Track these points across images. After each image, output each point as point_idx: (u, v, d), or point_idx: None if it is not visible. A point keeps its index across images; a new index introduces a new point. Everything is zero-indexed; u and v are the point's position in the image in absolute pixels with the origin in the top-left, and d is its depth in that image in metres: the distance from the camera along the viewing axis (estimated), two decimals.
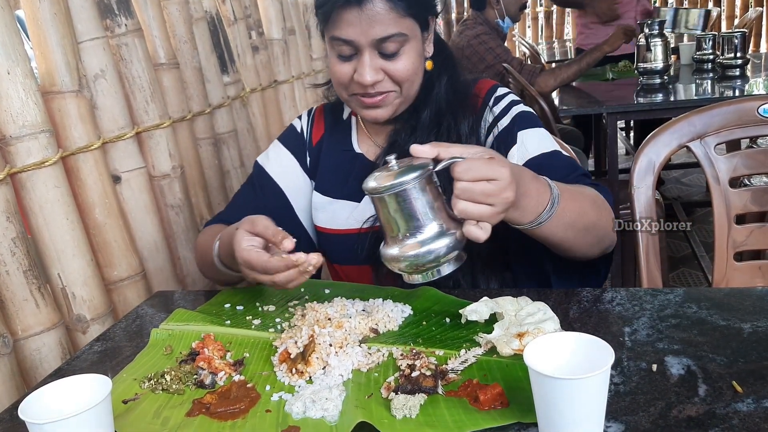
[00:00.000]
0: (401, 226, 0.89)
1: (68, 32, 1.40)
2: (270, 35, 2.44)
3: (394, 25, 1.10)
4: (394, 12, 1.10)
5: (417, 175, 0.87)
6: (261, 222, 1.02)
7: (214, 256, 1.17)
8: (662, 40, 2.81)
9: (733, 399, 0.76)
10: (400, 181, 0.87)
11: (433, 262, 0.89)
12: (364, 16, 1.09)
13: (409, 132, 1.22)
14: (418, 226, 0.89)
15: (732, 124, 1.38)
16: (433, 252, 0.88)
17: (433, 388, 0.83)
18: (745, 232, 1.39)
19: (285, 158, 1.35)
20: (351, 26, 1.10)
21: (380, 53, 1.13)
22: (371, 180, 0.90)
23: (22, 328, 1.27)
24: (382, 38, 1.11)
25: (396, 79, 1.15)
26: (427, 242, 0.88)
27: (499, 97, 1.25)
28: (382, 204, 0.90)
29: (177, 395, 0.89)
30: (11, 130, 1.26)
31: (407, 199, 0.88)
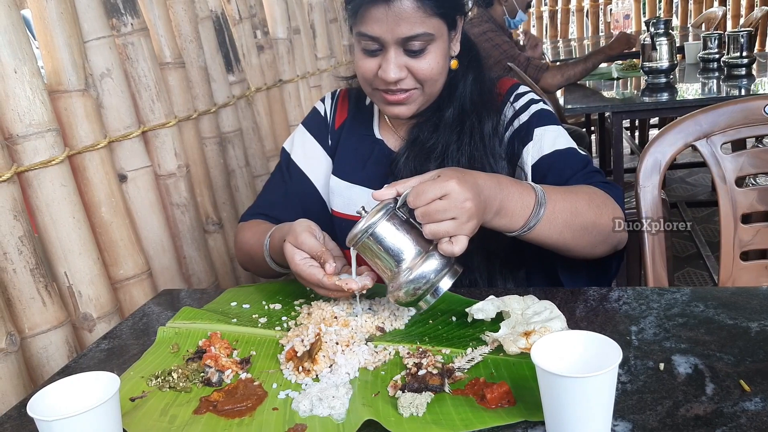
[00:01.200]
0: (388, 263, 0.95)
1: (75, 31, 1.41)
2: (275, 34, 2.44)
3: (420, 24, 1.10)
4: (421, 11, 1.10)
5: (380, 215, 0.93)
6: (305, 238, 1.04)
7: (266, 256, 1.18)
8: (668, 39, 2.80)
9: (740, 398, 0.76)
10: (368, 224, 0.93)
11: (428, 284, 0.93)
12: (391, 14, 1.09)
13: (431, 129, 1.22)
14: (402, 259, 0.94)
15: (738, 123, 1.37)
16: (424, 275, 0.92)
17: (439, 387, 0.83)
18: (751, 232, 1.38)
19: (309, 143, 1.37)
20: (378, 23, 1.10)
21: (405, 51, 1.13)
22: (349, 234, 0.96)
23: (29, 327, 1.27)
24: (408, 37, 1.11)
25: (419, 78, 1.15)
26: (415, 269, 0.92)
27: (520, 95, 1.25)
28: (366, 251, 0.96)
29: (184, 393, 0.90)
30: (18, 128, 1.26)
31: (381, 238, 0.94)
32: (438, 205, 0.89)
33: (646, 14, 6.14)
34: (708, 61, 3.14)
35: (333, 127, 1.37)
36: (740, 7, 6.03)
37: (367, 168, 1.30)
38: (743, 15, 5.85)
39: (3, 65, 1.23)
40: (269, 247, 1.17)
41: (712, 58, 3.12)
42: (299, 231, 1.05)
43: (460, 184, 0.90)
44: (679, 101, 2.71)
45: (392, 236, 0.94)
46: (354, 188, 1.30)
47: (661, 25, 2.82)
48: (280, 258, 1.12)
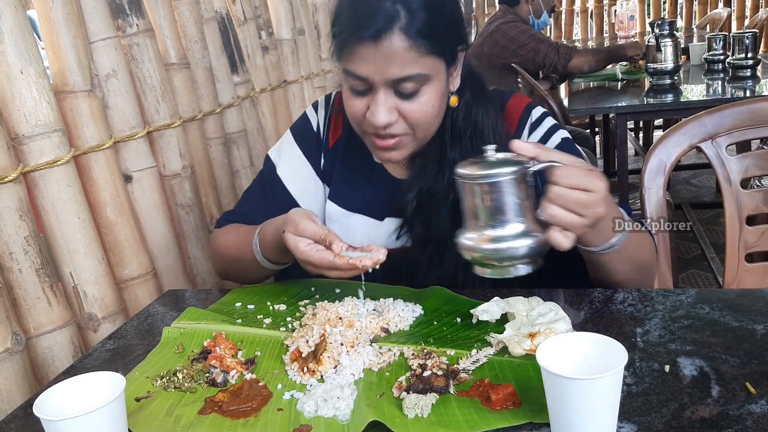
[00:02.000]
0: (486, 217, 0.89)
1: (80, 32, 1.41)
2: (280, 35, 2.45)
3: (413, 65, 1.01)
4: (414, 51, 1.00)
5: (515, 170, 0.86)
6: (305, 225, 1.00)
7: (256, 255, 1.13)
8: (672, 40, 2.79)
9: (746, 400, 0.76)
10: (497, 171, 0.86)
11: (510, 260, 0.89)
12: (379, 54, 0.99)
13: (434, 170, 1.15)
14: (504, 221, 0.88)
15: (744, 124, 1.37)
16: (513, 249, 0.88)
17: (444, 388, 0.83)
18: (756, 233, 1.38)
19: (297, 160, 1.27)
20: (365, 62, 1.01)
21: (396, 92, 1.04)
22: (466, 165, 0.89)
23: (35, 326, 1.28)
24: (399, 79, 1.02)
25: (411, 122, 1.06)
26: (509, 239, 0.88)
27: (537, 122, 1.18)
28: (472, 191, 0.89)
29: (189, 393, 0.90)
30: (24, 129, 1.27)
31: (499, 192, 0.87)
32: (579, 196, 0.85)
33: (650, 15, 6.12)
34: (713, 63, 3.13)
35: (327, 145, 1.27)
36: (745, 8, 6.01)
37: (366, 195, 1.23)
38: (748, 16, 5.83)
39: (9, 66, 1.23)
40: (260, 244, 1.12)
41: (716, 60, 3.11)
42: (298, 219, 1.01)
43: (606, 191, 0.87)
44: (683, 102, 2.70)
45: (511, 196, 0.87)
46: (353, 216, 1.23)
47: (666, 27, 2.82)
48: (274, 254, 1.10)
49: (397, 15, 0.98)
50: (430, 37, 1.00)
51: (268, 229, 1.11)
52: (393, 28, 0.98)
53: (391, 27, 0.98)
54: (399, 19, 0.98)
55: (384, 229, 1.22)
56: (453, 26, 1.06)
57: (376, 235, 1.22)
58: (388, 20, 0.98)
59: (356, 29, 0.99)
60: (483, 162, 0.89)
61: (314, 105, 1.32)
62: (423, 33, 0.99)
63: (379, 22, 0.98)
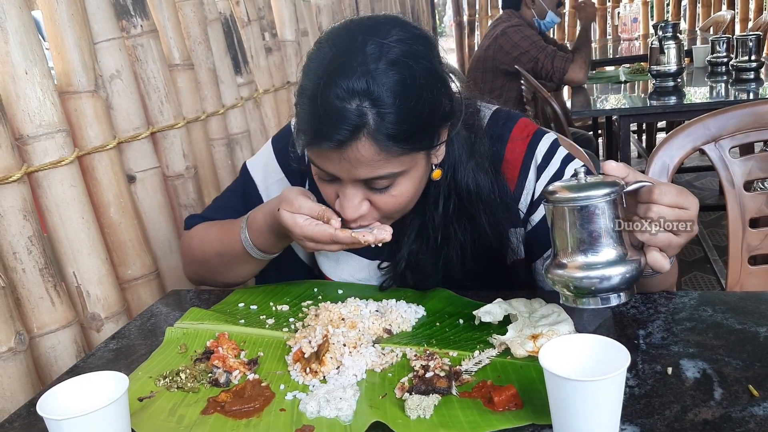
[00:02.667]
0: (577, 244, 0.82)
1: (85, 33, 1.42)
2: (283, 36, 2.45)
3: (383, 166, 0.91)
4: (384, 153, 0.89)
5: (609, 192, 0.80)
6: (302, 202, 0.96)
7: (245, 245, 1.08)
8: (676, 42, 2.79)
9: (749, 403, 0.76)
10: (590, 194, 0.80)
11: (605, 291, 0.82)
12: (345, 160, 0.89)
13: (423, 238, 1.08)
14: (597, 248, 0.81)
15: (747, 127, 1.37)
16: (608, 278, 0.81)
17: (447, 389, 0.83)
18: (759, 236, 1.38)
19: (281, 182, 1.20)
20: (330, 162, 0.91)
21: (366, 186, 0.95)
22: (556, 188, 0.83)
23: (38, 326, 1.28)
24: (369, 179, 0.92)
25: (384, 212, 0.98)
26: (603, 267, 0.81)
27: (544, 162, 1.08)
28: (562, 216, 0.82)
29: (192, 393, 0.90)
30: (28, 129, 1.27)
31: (593, 216, 0.81)
32: (679, 213, 0.82)
33: (654, 17, 6.13)
34: (716, 65, 3.13)
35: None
36: (749, 10, 6.01)
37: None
38: (752, 18, 5.83)
39: (14, 66, 1.24)
40: (249, 232, 1.07)
41: (720, 62, 3.11)
42: (293, 196, 0.97)
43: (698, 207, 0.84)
44: (687, 105, 2.70)
45: (605, 221, 0.80)
46: (342, 254, 1.17)
47: (669, 29, 2.82)
48: (266, 240, 1.06)
49: (364, 121, 0.86)
50: (403, 138, 0.89)
51: (259, 213, 1.06)
52: (359, 136, 0.87)
53: (356, 135, 0.86)
54: (366, 125, 0.86)
55: (371, 272, 1.18)
56: (432, 116, 0.93)
57: (366, 273, 1.18)
58: (353, 129, 0.86)
59: (317, 137, 0.88)
60: (575, 185, 0.82)
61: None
62: (393, 137, 0.88)
63: (343, 132, 0.86)
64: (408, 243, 1.09)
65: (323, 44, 0.92)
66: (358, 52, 0.87)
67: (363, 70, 0.86)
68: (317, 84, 0.87)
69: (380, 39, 0.88)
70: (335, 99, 0.86)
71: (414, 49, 0.90)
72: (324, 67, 0.88)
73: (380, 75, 0.86)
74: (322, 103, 0.86)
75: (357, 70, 0.86)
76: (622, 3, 5.99)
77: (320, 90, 0.86)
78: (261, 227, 1.07)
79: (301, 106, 0.91)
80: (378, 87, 0.86)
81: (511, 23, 3.38)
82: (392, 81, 0.86)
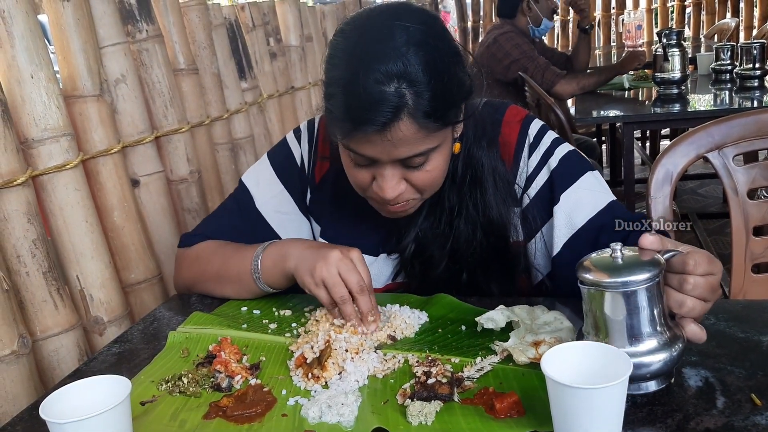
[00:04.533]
0: (614, 329, 0.77)
1: (90, 37, 1.42)
2: (288, 42, 2.46)
3: (422, 143, 0.95)
4: (423, 131, 0.93)
5: (652, 275, 0.75)
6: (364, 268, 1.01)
7: (255, 276, 1.11)
8: (680, 50, 2.79)
9: (751, 412, 0.75)
10: (633, 279, 0.75)
11: (643, 379, 0.78)
12: (387, 140, 0.93)
13: (431, 213, 1.12)
14: (636, 334, 0.77)
15: (751, 135, 1.37)
16: (647, 366, 0.76)
17: (448, 396, 0.83)
18: (763, 244, 1.38)
19: (279, 195, 1.22)
20: (371, 145, 0.94)
21: (404, 165, 0.99)
22: (591, 270, 0.78)
23: (41, 329, 1.28)
24: (408, 157, 0.97)
25: (420, 188, 1.03)
26: (642, 355, 0.76)
27: (536, 141, 1.12)
28: (597, 299, 0.77)
29: (194, 398, 0.90)
30: (34, 133, 1.28)
31: (633, 302, 0.76)
32: (712, 281, 0.80)
33: (658, 25, 6.12)
34: (720, 73, 3.13)
35: (313, 181, 1.21)
36: (753, 18, 6.01)
37: (361, 233, 1.18)
38: (756, 26, 5.82)
39: (20, 70, 1.24)
40: (262, 265, 1.09)
41: (724, 70, 3.11)
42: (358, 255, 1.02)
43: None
44: (690, 112, 2.70)
45: (646, 306, 0.76)
46: None
47: (673, 36, 2.82)
48: (277, 281, 1.09)
49: (404, 101, 0.90)
50: (438, 115, 0.94)
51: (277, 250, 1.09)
52: (400, 116, 0.91)
53: (398, 116, 0.91)
54: (406, 105, 0.91)
55: (379, 266, 1.19)
56: (459, 90, 0.99)
57: (374, 269, 1.18)
58: (395, 110, 0.90)
59: (361, 122, 0.91)
60: (612, 265, 0.77)
61: (296, 133, 1.25)
62: (430, 114, 0.93)
63: (385, 114, 0.90)
64: (419, 221, 1.12)
65: (349, 34, 0.96)
66: (388, 38, 0.91)
67: (396, 54, 0.90)
68: (354, 72, 0.91)
69: (405, 23, 0.92)
70: (374, 84, 0.89)
71: (434, 30, 0.95)
72: (357, 55, 0.92)
73: (412, 57, 0.90)
74: (363, 89, 0.90)
75: (391, 54, 0.90)
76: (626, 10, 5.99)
77: (359, 76, 0.90)
78: (276, 262, 1.08)
79: (336, 96, 0.94)
80: (412, 68, 0.90)
81: (503, 30, 3.38)
82: (423, 61, 0.91)
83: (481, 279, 1.14)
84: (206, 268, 1.19)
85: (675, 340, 0.78)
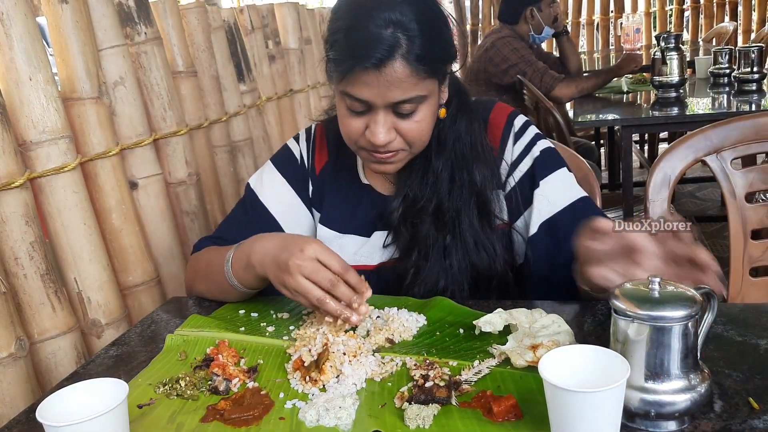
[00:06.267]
0: (643, 361, 0.74)
1: (89, 40, 1.42)
2: (286, 45, 2.46)
3: (413, 88, 1.05)
4: (414, 75, 1.03)
5: (688, 314, 0.73)
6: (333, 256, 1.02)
7: (229, 281, 1.13)
8: (678, 53, 2.80)
9: (749, 415, 0.75)
10: (670, 316, 0.72)
11: (667, 418, 0.74)
12: (382, 80, 1.02)
13: (421, 181, 1.18)
14: (664, 372, 0.74)
15: (749, 138, 1.37)
16: (672, 405, 0.73)
17: (446, 399, 0.83)
18: (761, 248, 1.38)
19: (280, 186, 1.28)
20: (367, 87, 1.04)
21: (395, 112, 1.07)
22: (626, 298, 0.75)
23: (38, 332, 1.28)
24: (400, 101, 1.05)
25: (408, 139, 1.10)
26: (670, 393, 0.73)
27: (520, 132, 1.21)
28: (627, 329, 0.75)
29: (191, 401, 0.90)
30: (32, 135, 1.28)
31: (666, 337, 0.73)
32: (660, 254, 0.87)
33: (656, 28, 6.14)
34: (718, 76, 3.13)
35: (313, 173, 1.29)
36: (751, 22, 6.02)
37: (357, 216, 1.25)
38: (754, 30, 5.84)
39: (18, 72, 1.24)
40: (232, 265, 1.12)
41: (722, 73, 3.11)
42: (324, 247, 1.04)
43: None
44: (689, 116, 2.70)
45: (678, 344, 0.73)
46: (345, 237, 1.25)
47: (672, 40, 2.82)
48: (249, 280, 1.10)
49: (398, 43, 1.01)
50: (428, 61, 1.04)
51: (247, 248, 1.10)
52: (395, 55, 1.01)
53: (392, 55, 1.01)
54: (400, 46, 1.01)
55: (372, 244, 1.24)
56: (446, 47, 1.10)
57: (364, 250, 1.24)
58: (390, 49, 1.01)
59: (358, 58, 1.01)
60: (648, 296, 0.74)
61: (295, 137, 1.34)
62: (421, 58, 1.03)
63: (382, 51, 1.00)
64: (410, 183, 1.19)
65: None
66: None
67: (393, 6, 1.02)
68: (356, 18, 1.03)
69: None
70: (373, 27, 1.01)
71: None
72: (359, 5, 1.05)
73: (406, 9, 1.02)
74: (362, 31, 1.02)
75: (389, 5, 1.02)
76: (625, 13, 6.00)
77: (360, 21, 1.02)
78: (243, 263, 1.10)
79: (339, 41, 1.04)
80: (407, 18, 1.02)
81: (502, 35, 3.38)
82: (417, 13, 1.03)
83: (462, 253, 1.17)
84: (197, 273, 1.24)
85: (700, 382, 0.75)
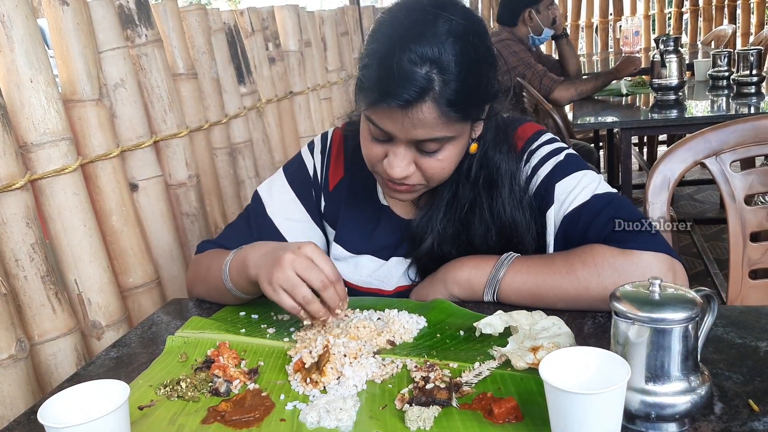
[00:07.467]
0: (643, 363, 0.74)
1: (90, 42, 1.43)
2: (287, 47, 2.47)
3: (440, 129, 0.98)
4: (443, 118, 0.96)
5: (689, 317, 0.73)
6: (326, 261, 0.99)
7: (225, 281, 1.11)
8: (677, 56, 2.80)
9: (749, 418, 0.76)
10: (670, 318, 0.72)
11: (667, 420, 0.75)
12: (407, 118, 0.96)
13: (446, 210, 1.14)
14: (665, 374, 0.74)
15: (748, 141, 1.37)
16: (672, 407, 0.73)
17: (447, 401, 0.83)
18: (760, 250, 1.38)
19: (290, 203, 1.23)
20: (391, 121, 0.97)
21: (418, 148, 1.01)
22: (626, 301, 0.75)
23: (39, 333, 1.28)
24: (424, 140, 0.99)
25: (427, 176, 1.05)
26: (670, 395, 0.73)
27: (536, 148, 1.15)
28: (627, 332, 0.75)
29: (192, 402, 0.90)
30: (33, 137, 1.28)
31: (666, 340, 0.73)
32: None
33: (655, 31, 6.15)
34: (717, 79, 3.14)
35: (326, 188, 1.24)
36: (750, 25, 6.03)
37: (374, 238, 1.21)
38: (753, 33, 5.85)
39: (19, 74, 1.25)
40: (230, 271, 1.10)
41: (721, 76, 3.12)
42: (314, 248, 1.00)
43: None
44: (688, 118, 2.71)
45: (677, 347, 0.73)
46: (362, 258, 1.21)
47: (671, 42, 2.83)
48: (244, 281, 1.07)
49: (431, 85, 0.94)
50: (460, 107, 0.97)
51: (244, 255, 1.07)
52: (425, 98, 0.94)
53: (422, 97, 0.94)
54: (432, 89, 0.94)
55: (389, 268, 1.21)
56: (485, 90, 1.02)
57: (380, 273, 1.21)
58: (421, 91, 0.94)
59: (386, 95, 0.95)
60: (649, 298, 0.75)
61: (310, 146, 1.27)
62: (453, 103, 0.96)
63: (411, 92, 0.93)
64: (438, 214, 1.14)
65: (396, 13, 1.00)
66: (431, 24, 0.95)
67: (435, 40, 0.94)
68: (391, 47, 0.95)
69: (450, 15, 0.96)
70: (408, 62, 0.93)
71: (475, 29, 0.99)
72: (399, 33, 0.96)
73: (449, 47, 0.94)
74: (396, 64, 0.93)
75: (430, 39, 0.94)
76: (624, 16, 6.01)
77: (395, 53, 0.94)
78: (239, 267, 1.08)
79: (370, 67, 0.98)
80: (446, 57, 0.94)
81: (500, 38, 3.38)
82: (458, 53, 0.95)
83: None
84: (198, 275, 1.22)
85: (700, 385, 0.75)
